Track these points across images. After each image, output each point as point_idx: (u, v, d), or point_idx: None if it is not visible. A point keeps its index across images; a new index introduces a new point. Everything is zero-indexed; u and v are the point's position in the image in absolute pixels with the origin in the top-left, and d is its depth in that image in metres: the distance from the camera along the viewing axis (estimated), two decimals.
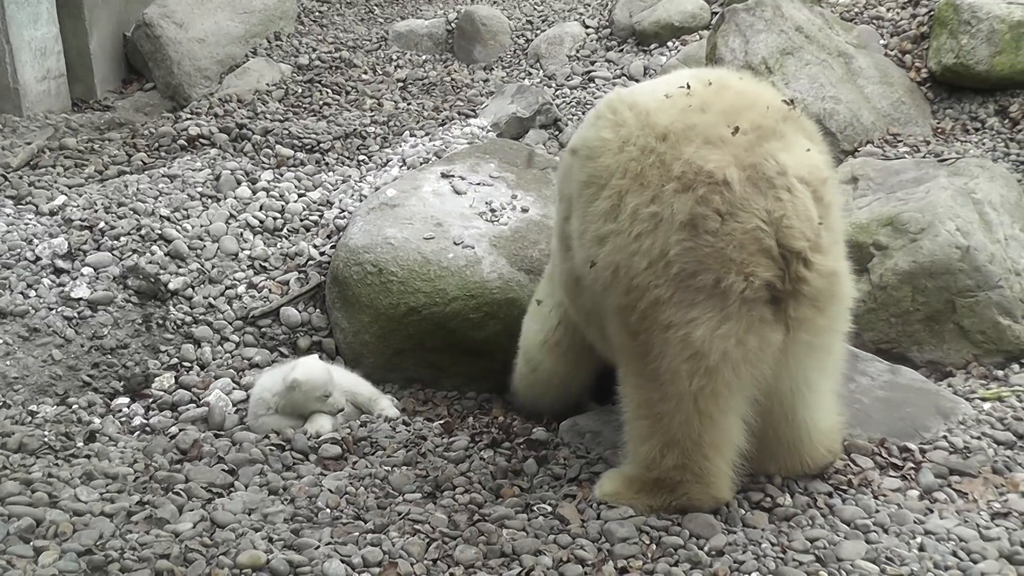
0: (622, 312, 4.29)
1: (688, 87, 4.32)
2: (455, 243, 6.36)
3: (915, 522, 4.39)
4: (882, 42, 9.42)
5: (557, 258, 5.07)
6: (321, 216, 7.33)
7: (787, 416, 4.55)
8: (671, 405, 4.26)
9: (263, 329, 6.55)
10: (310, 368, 5.65)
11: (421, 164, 7.78)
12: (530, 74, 10.68)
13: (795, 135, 4.22)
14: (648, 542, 4.26)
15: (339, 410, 5.67)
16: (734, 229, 4.02)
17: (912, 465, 4.84)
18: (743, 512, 4.49)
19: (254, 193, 7.50)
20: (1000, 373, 5.90)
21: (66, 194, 7.27)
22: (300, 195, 7.57)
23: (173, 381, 6.15)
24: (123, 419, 5.81)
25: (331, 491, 4.76)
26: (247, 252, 6.92)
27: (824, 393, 4.66)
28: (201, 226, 7.01)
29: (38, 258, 6.47)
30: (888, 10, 9.78)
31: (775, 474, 4.73)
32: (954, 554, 4.15)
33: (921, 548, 4.20)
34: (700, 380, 4.16)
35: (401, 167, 7.93)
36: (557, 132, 9.03)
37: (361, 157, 8.45)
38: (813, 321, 4.22)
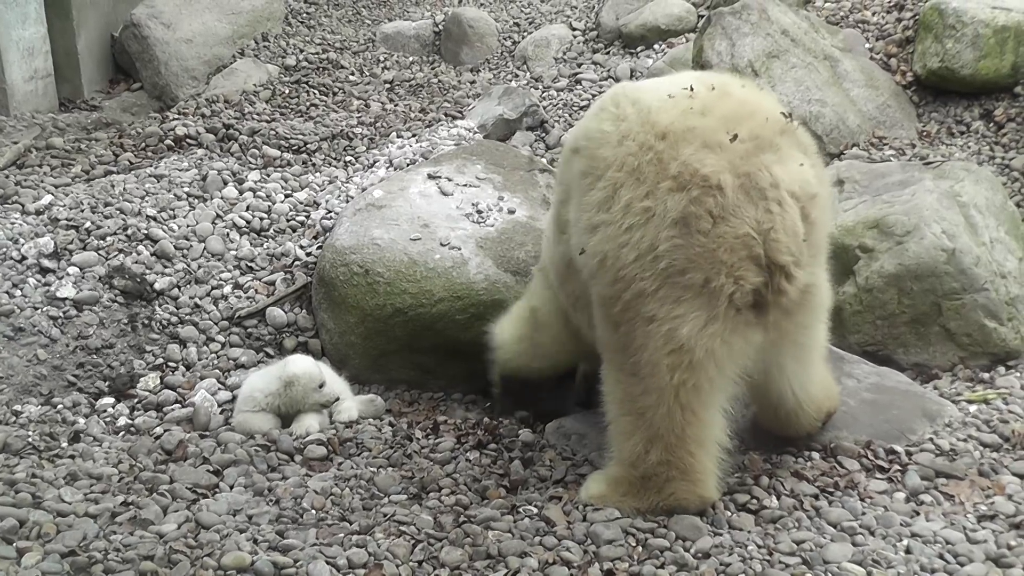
0: (606, 302, 4.34)
1: (691, 89, 4.34)
2: (441, 244, 6.35)
3: (901, 524, 4.39)
4: (868, 46, 9.45)
5: (551, 243, 5.09)
6: (308, 217, 7.32)
7: (769, 392, 4.73)
8: (653, 399, 4.30)
9: (249, 330, 6.54)
10: (302, 363, 5.69)
11: (408, 165, 7.78)
12: (517, 76, 10.69)
13: (791, 149, 4.27)
14: (634, 544, 4.26)
15: (335, 399, 5.68)
16: (725, 232, 4.07)
17: (898, 467, 4.85)
18: (729, 514, 4.49)
19: (241, 193, 7.49)
20: (986, 375, 5.91)
21: (52, 194, 7.24)
22: (287, 195, 7.56)
23: (158, 381, 6.14)
24: (108, 419, 5.79)
25: (316, 492, 4.75)
26: (233, 252, 6.91)
27: (807, 368, 4.78)
28: (187, 226, 7.00)
29: (24, 257, 6.45)
30: (874, 14, 9.81)
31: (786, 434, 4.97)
32: (940, 556, 4.16)
33: (907, 550, 4.20)
34: (682, 374, 4.21)
35: (388, 168, 7.93)
36: (544, 134, 9.03)
37: (348, 158, 8.45)
38: (781, 325, 4.32)
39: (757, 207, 4.09)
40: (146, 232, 6.81)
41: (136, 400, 6.00)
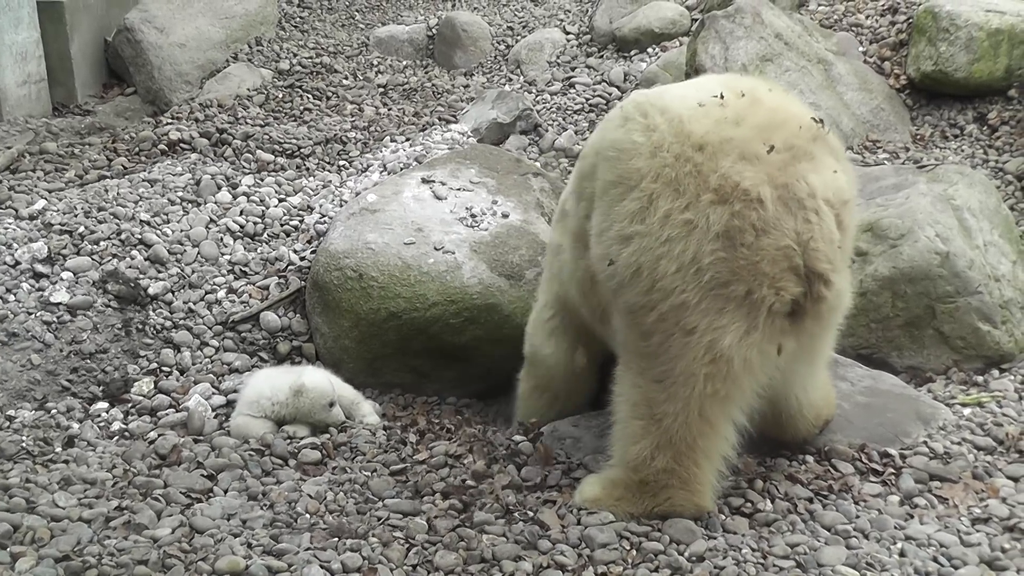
0: (637, 312, 4.31)
1: (722, 97, 4.33)
2: (435, 248, 6.34)
3: (896, 527, 4.39)
4: (861, 49, 9.47)
5: (569, 255, 5.05)
6: (301, 221, 7.32)
7: (775, 395, 4.70)
8: (675, 407, 4.29)
9: (243, 334, 6.53)
10: (316, 376, 5.66)
11: (402, 169, 7.77)
12: (511, 80, 10.69)
13: (824, 156, 4.28)
14: (628, 548, 4.26)
15: (341, 422, 5.65)
16: (767, 245, 4.08)
17: (892, 470, 4.85)
18: (724, 518, 4.49)
19: (234, 198, 7.48)
20: (980, 378, 5.91)
21: (46, 198, 7.23)
22: (280, 200, 7.56)
23: (152, 386, 6.12)
24: (102, 424, 5.78)
25: (311, 496, 4.74)
26: (227, 257, 6.90)
27: (814, 373, 4.86)
28: (181, 231, 6.99)
29: (17, 262, 6.44)
30: (867, 17, 9.83)
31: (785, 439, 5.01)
32: (935, 559, 4.16)
33: (902, 553, 4.20)
34: (717, 384, 4.22)
35: (382, 172, 7.92)
36: (537, 138, 9.04)
37: (342, 162, 8.45)
38: (811, 330, 4.34)
39: (796, 218, 4.10)
40: (140, 237, 6.80)
41: (130, 405, 5.99)
